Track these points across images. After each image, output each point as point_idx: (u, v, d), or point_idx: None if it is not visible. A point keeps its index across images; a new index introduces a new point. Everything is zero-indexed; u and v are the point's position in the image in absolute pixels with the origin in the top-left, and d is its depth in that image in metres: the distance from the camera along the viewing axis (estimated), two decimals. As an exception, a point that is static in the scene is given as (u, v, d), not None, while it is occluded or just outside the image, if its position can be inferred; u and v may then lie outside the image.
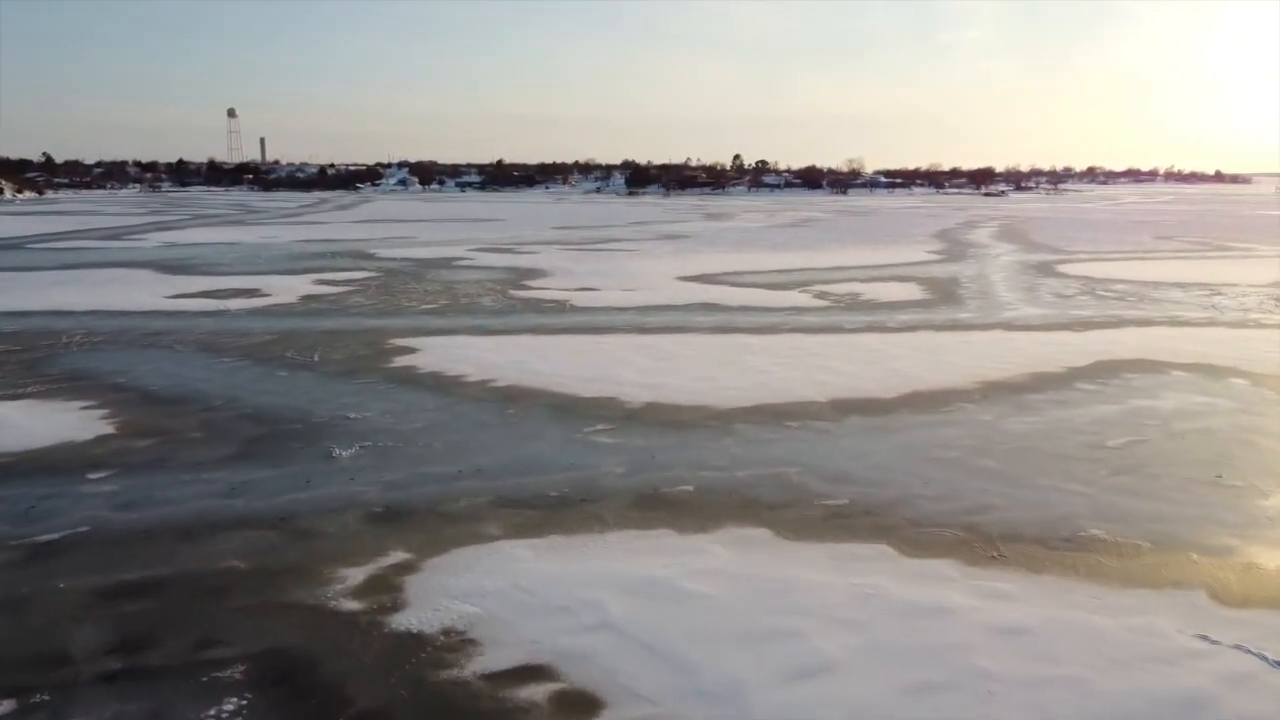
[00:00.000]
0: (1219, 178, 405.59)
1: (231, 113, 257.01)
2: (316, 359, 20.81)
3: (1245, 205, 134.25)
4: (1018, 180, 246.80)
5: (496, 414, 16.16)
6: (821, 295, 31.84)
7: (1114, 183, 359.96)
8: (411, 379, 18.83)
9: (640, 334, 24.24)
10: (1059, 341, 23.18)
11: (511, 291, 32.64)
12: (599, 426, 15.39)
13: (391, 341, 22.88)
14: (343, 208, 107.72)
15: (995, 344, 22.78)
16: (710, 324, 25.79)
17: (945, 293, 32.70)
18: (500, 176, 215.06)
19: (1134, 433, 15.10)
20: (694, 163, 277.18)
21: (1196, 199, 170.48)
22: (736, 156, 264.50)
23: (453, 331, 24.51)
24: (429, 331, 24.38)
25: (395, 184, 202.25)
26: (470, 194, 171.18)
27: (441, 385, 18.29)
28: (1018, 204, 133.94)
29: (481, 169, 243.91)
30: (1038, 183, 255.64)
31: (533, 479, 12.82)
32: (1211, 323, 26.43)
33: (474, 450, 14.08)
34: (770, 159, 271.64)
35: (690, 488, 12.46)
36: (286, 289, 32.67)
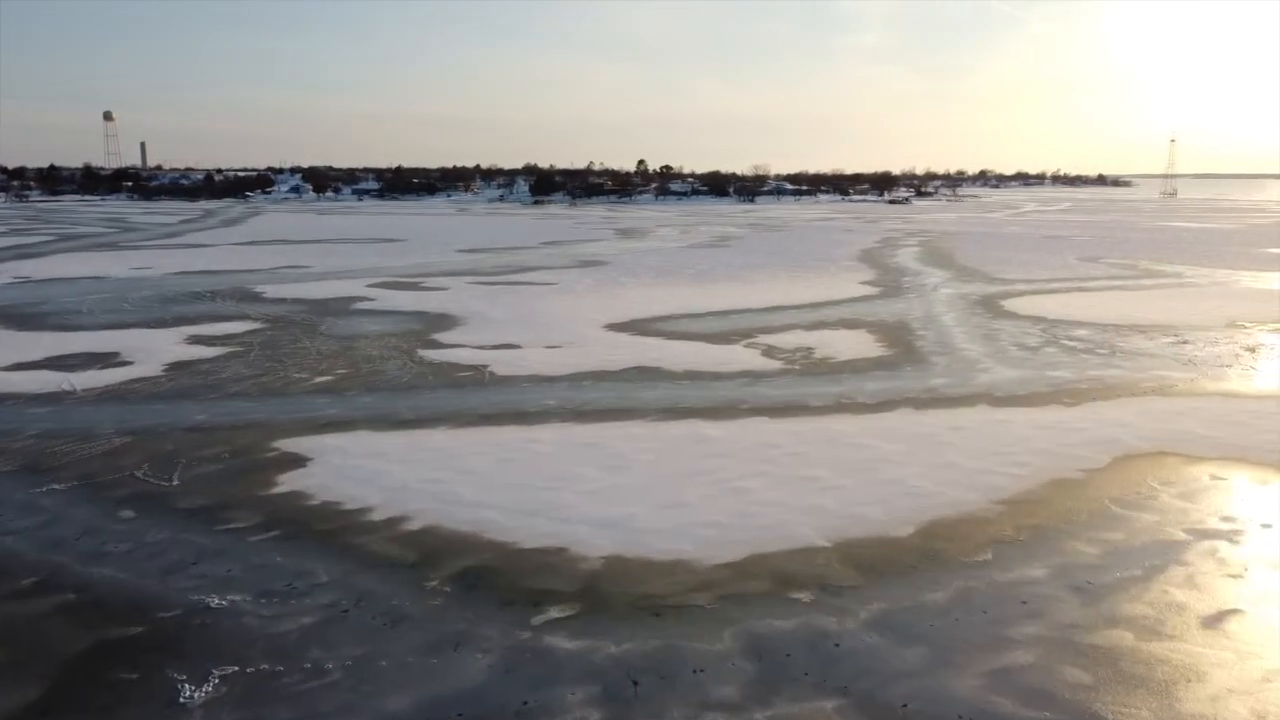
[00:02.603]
0: (1101, 180, 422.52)
1: (108, 115, 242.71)
2: (176, 482, 16.43)
3: (1141, 214, 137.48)
4: (918, 186, 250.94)
5: (412, 593, 12.20)
6: (770, 352, 28.55)
7: (1005, 186, 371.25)
8: (298, 521, 14.68)
9: (579, 422, 20.49)
10: (1058, 425, 20.29)
11: (420, 352, 28.44)
12: (552, 613, 11.60)
13: (275, 447, 18.59)
14: (230, 223, 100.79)
15: (990, 432, 19.74)
16: (657, 402, 22.19)
17: (903, 345, 29.78)
18: (399, 184, 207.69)
19: (1239, 610, 12.04)
20: (598, 166, 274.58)
21: (1091, 206, 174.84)
22: (641, 162, 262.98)
23: (352, 424, 20.32)
24: (323, 426, 20.14)
25: (288, 192, 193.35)
26: (368, 203, 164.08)
27: (338, 533, 14.20)
28: (925, 213, 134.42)
29: (380, 174, 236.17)
30: (936, 188, 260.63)
31: (472, 746, 8.98)
32: (1202, 389, 24.02)
33: (384, 678, 10.14)
34: (675, 163, 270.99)
35: (700, 757, 8.80)
36: (151, 353, 27.79)
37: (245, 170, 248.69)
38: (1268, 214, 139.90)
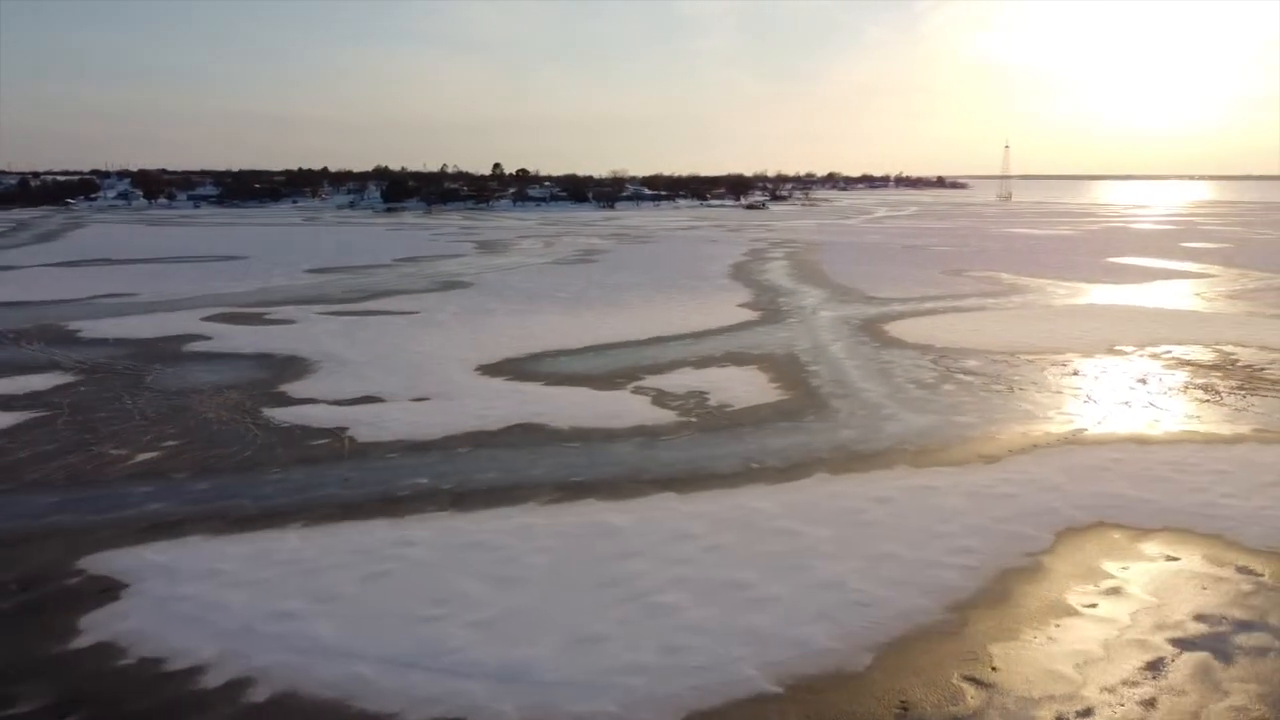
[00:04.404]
0: (941, 183, 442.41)
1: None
2: (-59, 638, 12.75)
3: (986, 219, 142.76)
4: (772, 189, 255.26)
5: (260, 821, 9.20)
6: (661, 399, 26.24)
7: (853, 188, 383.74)
8: (105, 698, 11.33)
9: (460, 510, 17.62)
10: (986, 491, 18.72)
11: (266, 411, 24.78)
12: (451, 844, 8.84)
13: (81, 567, 14.99)
14: (46, 237, 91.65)
15: (919, 504, 17.94)
16: (547, 476, 19.53)
17: (799, 386, 28.01)
18: (241, 189, 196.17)
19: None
20: (452, 169, 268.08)
21: (938, 210, 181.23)
22: (497, 165, 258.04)
23: (181, 526, 16.80)
24: (144, 530, 16.56)
25: (116, 198, 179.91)
26: (206, 211, 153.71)
27: (159, 715, 10.96)
28: (784, 220, 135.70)
29: (220, 179, 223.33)
30: (790, 191, 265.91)
31: None
32: (1113, 434, 23.07)
33: None
34: (531, 165, 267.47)
35: None
36: (-69, 425, 23.20)
37: (67, 174, 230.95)
38: (1097, 218, 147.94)
